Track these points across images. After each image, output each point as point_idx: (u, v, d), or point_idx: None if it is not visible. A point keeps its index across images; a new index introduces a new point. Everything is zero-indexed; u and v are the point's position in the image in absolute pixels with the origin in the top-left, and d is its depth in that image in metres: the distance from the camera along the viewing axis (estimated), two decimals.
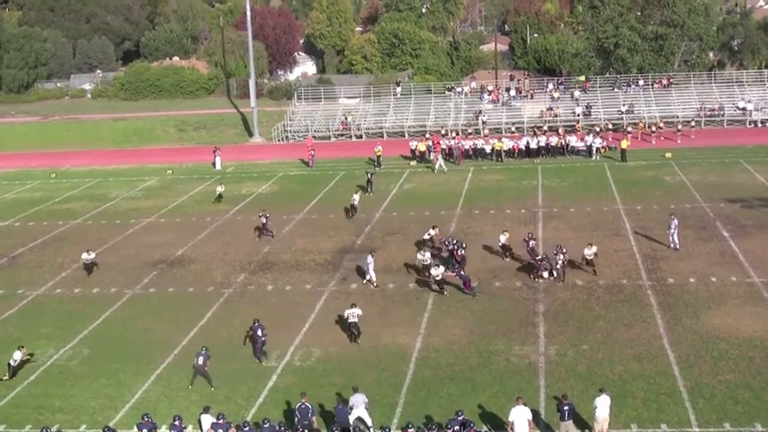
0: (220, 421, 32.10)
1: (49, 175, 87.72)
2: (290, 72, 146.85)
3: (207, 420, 32.65)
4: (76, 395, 37.87)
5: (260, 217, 60.91)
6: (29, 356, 41.52)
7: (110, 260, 57.44)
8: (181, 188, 77.87)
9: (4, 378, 40.02)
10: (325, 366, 39.46)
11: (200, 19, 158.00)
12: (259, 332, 40.97)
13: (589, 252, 49.40)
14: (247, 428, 31.41)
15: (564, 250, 48.83)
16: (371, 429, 33.06)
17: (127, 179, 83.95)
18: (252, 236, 60.78)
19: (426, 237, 54.03)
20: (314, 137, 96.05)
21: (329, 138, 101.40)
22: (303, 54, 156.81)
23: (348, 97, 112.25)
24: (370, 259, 50.07)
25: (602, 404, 31.72)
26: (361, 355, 40.26)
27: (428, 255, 50.73)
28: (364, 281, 49.89)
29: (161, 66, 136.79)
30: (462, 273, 47.80)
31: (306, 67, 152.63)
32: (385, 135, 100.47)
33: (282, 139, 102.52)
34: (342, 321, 43.47)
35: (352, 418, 33.08)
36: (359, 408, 33.19)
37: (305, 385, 36.83)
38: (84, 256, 54.51)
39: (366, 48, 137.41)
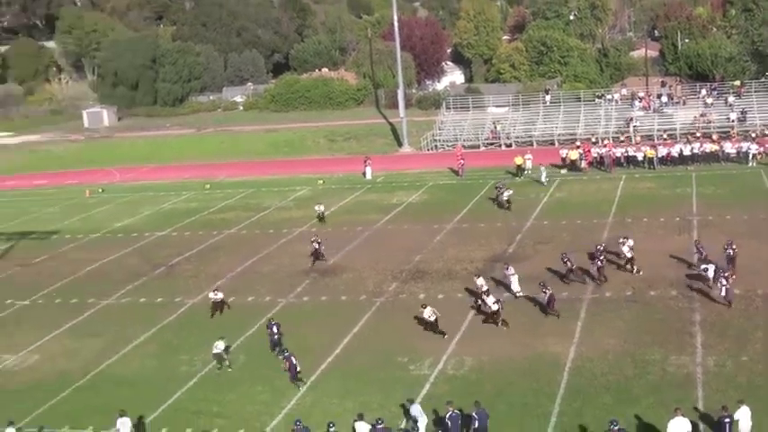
0: (379, 426, 32.29)
1: (204, 186, 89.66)
2: (438, 81, 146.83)
3: (362, 427, 32.87)
4: (234, 401, 38.63)
5: (312, 242, 59.12)
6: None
7: (264, 269, 58.47)
8: (332, 198, 78.65)
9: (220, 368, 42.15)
10: (478, 375, 39.39)
11: (347, 31, 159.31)
12: (274, 328, 43.73)
13: (626, 248, 49.76)
14: None
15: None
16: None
17: (279, 189, 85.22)
18: (404, 245, 61.05)
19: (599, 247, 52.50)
20: (463, 146, 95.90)
21: (478, 146, 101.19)
22: (451, 63, 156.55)
23: (497, 106, 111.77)
24: (510, 270, 49.84)
25: (744, 416, 30.99)
26: (514, 365, 40.03)
27: (481, 280, 49.16)
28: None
29: (310, 77, 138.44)
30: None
31: (453, 76, 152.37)
32: (534, 143, 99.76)
33: (431, 149, 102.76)
34: (494, 331, 43.37)
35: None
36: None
37: (458, 394, 36.82)
38: (212, 295, 50.54)
39: (514, 56, 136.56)
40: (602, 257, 50.08)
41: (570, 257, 50.56)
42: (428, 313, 44.69)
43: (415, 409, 34.52)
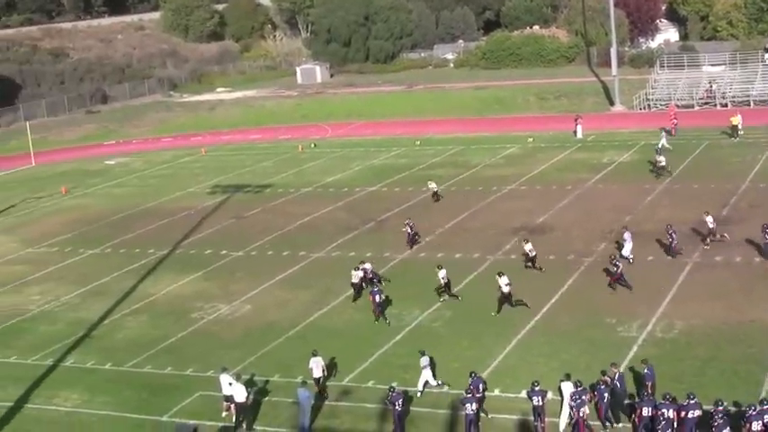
0: (579, 388, 32.05)
1: (414, 143, 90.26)
2: (652, 39, 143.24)
3: (568, 388, 32.65)
4: (439, 356, 38.85)
5: (405, 227, 55.78)
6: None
7: (472, 225, 58.65)
8: (541, 156, 78.00)
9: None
10: (688, 339, 38.59)
11: None
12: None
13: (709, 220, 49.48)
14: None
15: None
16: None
17: (488, 147, 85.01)
18: (614, 205, 60.18)
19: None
20: (677, 105, 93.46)
21: (692, 106, 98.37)
22: (665, 21, 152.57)
23: (712, 64, 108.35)
24: (626, 236, 49.46)
25: None
26: (726, 330, 39.06)
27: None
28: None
29: (521, 35, 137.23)
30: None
31: (668, 34, 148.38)
32: (752, 103, 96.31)
33: (644, 108, 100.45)
34: (707, 294, 42.36)
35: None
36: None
37: (666, 357, 36.31)
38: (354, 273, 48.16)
39: (732, 13, 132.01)
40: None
41: None
42: (442, 275, 45.40)
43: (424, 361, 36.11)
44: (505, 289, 43.42)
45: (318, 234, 58.86)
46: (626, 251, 49.25)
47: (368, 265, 48.23)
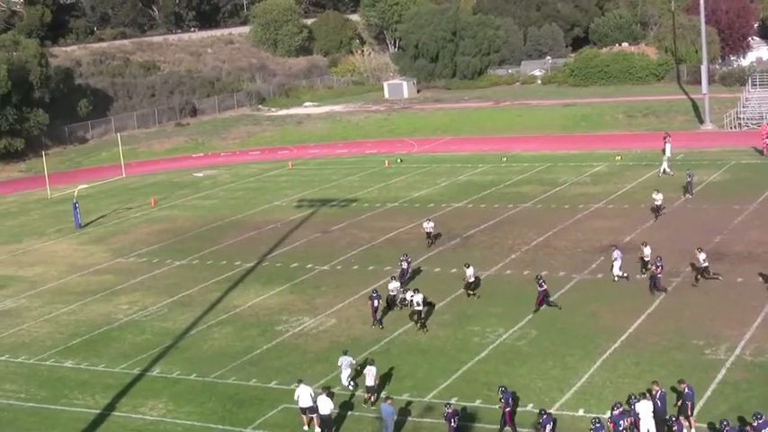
0: (615, 412, 31.66)
1: (500, 159, 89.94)
2: (743, 57, 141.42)
3: (646, 407, 32.31)
4: (523, 375, 38.75)
5: (401, 262, 53.07)
6: None
7: (558, 243, 58.26)
8: (629, 174, 77.23)
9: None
10: None
11: (649, 4, 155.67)
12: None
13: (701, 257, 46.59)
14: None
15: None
16: None
17: (575, 164, 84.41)
18: (703, 225, 59.40)
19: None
20: None
21: None
22: (757, 38, 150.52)
23: None
24: (616, 254, 50.06)
25: None
26: None
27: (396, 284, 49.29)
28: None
29: (610, 52, 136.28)
30: None
31: (760, 51, 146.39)
32: None
33: (734, 127, 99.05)
34: None
35: None
36: None
37: (757, 382, 35.70)
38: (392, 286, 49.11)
39: None
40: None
41: None
42: (470, 273, 47.68)
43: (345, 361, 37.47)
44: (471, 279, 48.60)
45: (404, 249, 58.73)
46: (615, 269, 49.62)
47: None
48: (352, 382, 39.09)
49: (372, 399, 37.36)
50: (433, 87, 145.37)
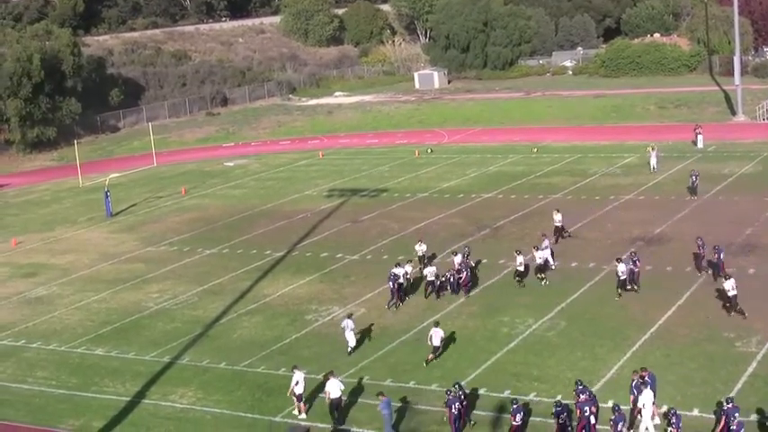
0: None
1: (531, 150, 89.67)
2: None
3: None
4: (553, 366, 38.71)
5: (402, 277, 51.53)
6: None
7: (589, 235, 58.11)
8: (660, 166, 76.75)
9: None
10: None
11: None
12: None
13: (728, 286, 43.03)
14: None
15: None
16: None
17: (606, 155, 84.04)
18: (735, 217, 59.04)
19: None
20: None
21: None
22: None
23: None
24: (546, 243, 51.91)
25: None
26: None
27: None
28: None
29: (642, 43, 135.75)
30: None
31: None
32: None
33: (767, 119, 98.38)
34: None
35: None
36: None
37: None
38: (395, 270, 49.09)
39: None
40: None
41: None
42: (520, 260, 49.27)
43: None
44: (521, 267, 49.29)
45: (433, 239, 58.73)
46: (540, 256, 49.98)
47: (408, 268, 49.84)
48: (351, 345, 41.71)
49: (432, 358, 39.91)
50: (464, 78, 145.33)
